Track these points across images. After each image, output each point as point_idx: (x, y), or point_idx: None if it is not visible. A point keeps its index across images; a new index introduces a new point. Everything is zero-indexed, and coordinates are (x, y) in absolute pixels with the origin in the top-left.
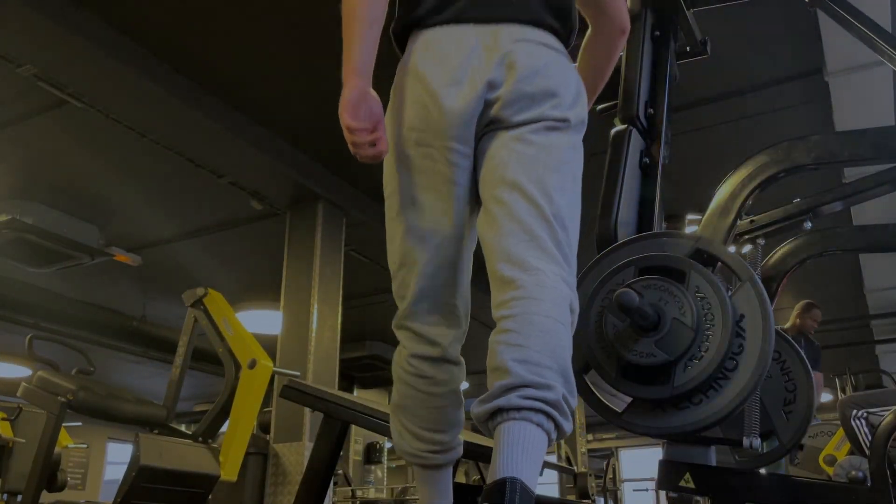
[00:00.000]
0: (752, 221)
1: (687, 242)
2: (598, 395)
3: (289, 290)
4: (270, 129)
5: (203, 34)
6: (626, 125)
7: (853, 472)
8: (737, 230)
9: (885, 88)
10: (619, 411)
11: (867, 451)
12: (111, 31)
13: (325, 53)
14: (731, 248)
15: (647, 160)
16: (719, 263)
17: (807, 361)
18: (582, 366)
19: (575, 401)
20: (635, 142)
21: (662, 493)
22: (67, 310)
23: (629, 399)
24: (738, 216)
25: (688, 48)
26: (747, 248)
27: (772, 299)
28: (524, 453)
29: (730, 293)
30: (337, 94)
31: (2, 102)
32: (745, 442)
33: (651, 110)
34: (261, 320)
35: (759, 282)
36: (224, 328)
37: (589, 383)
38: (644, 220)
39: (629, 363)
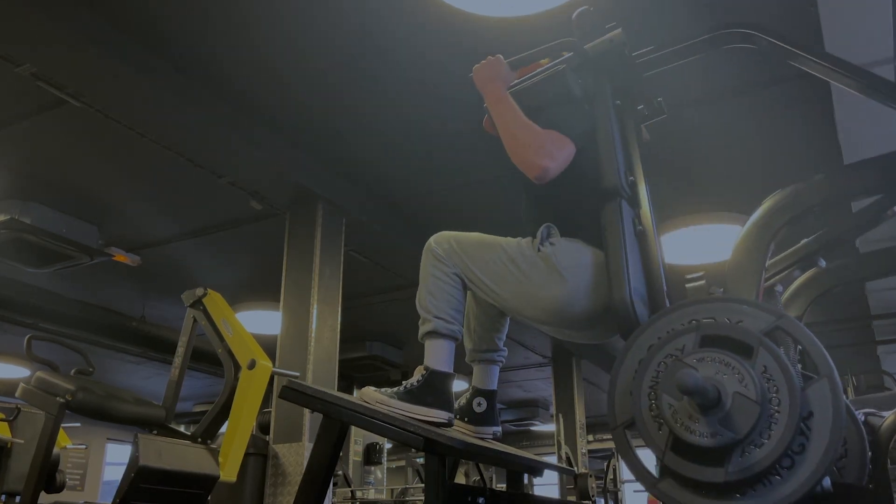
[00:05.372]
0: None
1: (768, 317)
2: (637, 457)
3: (288, 290)
4: (270, 129)
5: (204, 34)
6: (614, 197)
7: None
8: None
9: None
10: (657, 477)
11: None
12: (111, 30)
13: (324, 54)
14: None
15: (640, 227)
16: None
17: (866, 439)
18: (625, 421)
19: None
20: (626, 212)
21: None
22: (66, 310)
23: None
24: (763, 270)
25: (646, 112)
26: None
27: None
28: None
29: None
30: (337, 95)
31: (1, 102)
32: None
33: (632, 177)
34: (260, 320)
35: (839, 381)
36: (223, 328)
37: (629, 440)
38: (655, 288)
39: (687, 443)
